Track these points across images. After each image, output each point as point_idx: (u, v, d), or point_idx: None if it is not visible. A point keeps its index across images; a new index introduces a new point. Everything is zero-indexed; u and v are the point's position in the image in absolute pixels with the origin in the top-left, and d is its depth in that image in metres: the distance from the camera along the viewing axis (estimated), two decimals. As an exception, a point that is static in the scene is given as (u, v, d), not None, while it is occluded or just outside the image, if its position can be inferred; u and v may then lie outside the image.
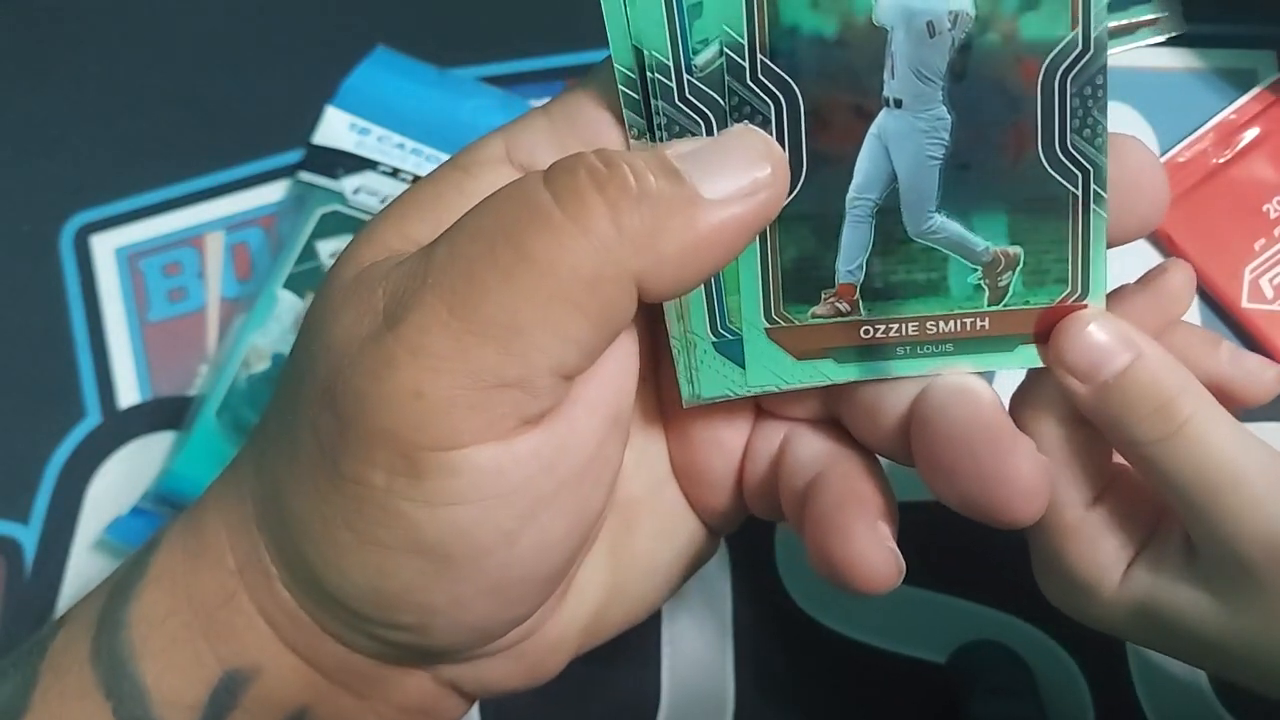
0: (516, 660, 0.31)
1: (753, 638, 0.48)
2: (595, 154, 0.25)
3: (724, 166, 0.26)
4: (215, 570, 0.29)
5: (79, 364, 0.54)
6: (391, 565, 0.26)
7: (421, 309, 0.25)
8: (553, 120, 0.29)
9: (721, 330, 0.30)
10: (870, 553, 0.28)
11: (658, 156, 0.26)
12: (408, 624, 0.27)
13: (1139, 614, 0.32)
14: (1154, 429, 0.29)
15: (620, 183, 0.25)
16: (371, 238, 0.28)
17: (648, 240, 0.25)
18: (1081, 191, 0.28)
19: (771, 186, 0.26)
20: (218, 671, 0.28)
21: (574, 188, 0.25)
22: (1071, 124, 0.28)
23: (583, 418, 0.27)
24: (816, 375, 0.30)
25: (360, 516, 0.26)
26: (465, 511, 0.25)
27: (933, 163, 0.28)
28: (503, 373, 0.25)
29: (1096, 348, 0.29)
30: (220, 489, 0.30)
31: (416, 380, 0.25)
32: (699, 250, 0.25)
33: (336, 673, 0.29)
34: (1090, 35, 0.27)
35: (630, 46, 0.27)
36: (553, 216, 0.24)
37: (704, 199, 0.25)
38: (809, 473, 0.31)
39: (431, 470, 0.25)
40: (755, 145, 0.27)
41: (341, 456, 0.26)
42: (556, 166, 0.25)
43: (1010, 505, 0.28)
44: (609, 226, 0.24)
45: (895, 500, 0.30)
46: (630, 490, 0.32)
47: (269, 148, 0.56)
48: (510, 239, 0.25)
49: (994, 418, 0.28)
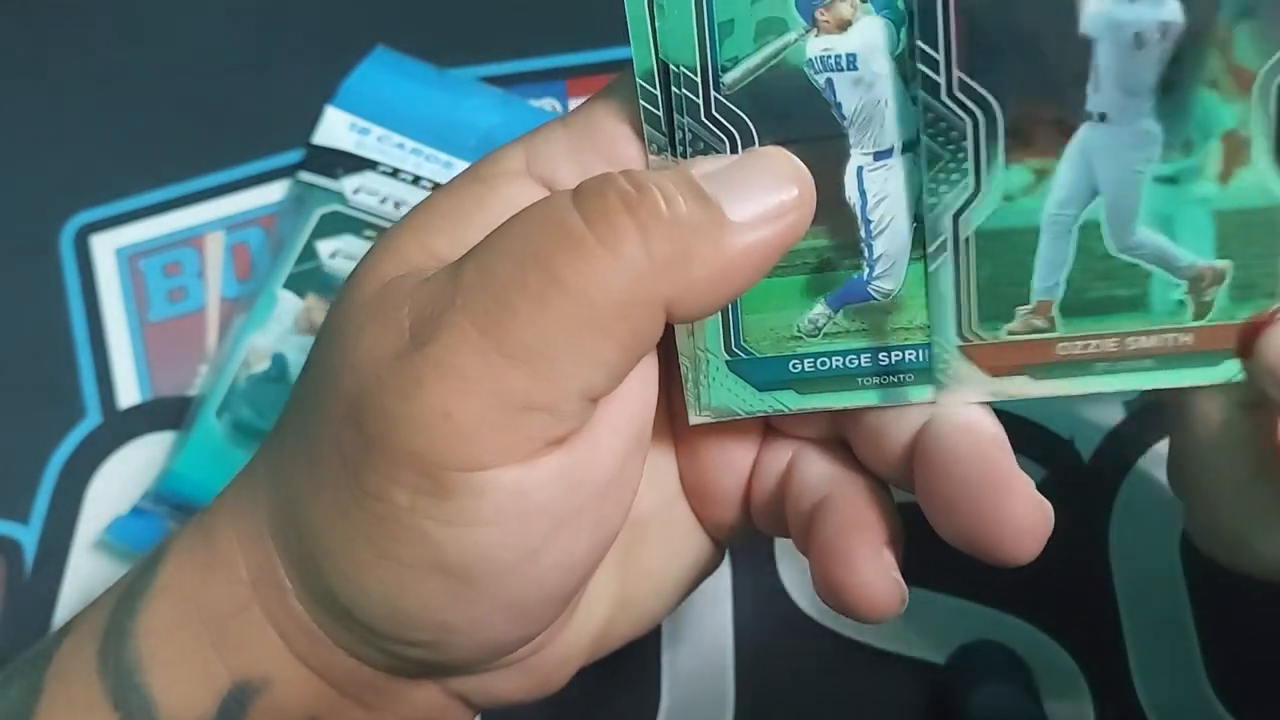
0: (525, 673, 0.30)
1: (753, 638, 0.48)
2: (624, 176, 0.25)
3: (750, 188, 0.26)
4: (227, 581, 0.28)
5: (79, 364, 0.54)
6: (411, 584, 0.26)
7: (451, 330, 0.25)
8: (572, 133, 0.29)
9: (735, 349, 0.30)
10: (874, 582, 0.28)
11: (685, 178, 0.26)
12: (424, 641, 0.27)
13: None
14: None
15: (651, 207, 0.25)
16: (391, 250, 0.28)
17: (679, 265, 0.25)
18: None
19: (799, 209, 0.26)
20: (227, 683, 0.28)
21: (604, 211, 0.25)
22: None
23: (606, 438, 0.27)
24: (1002, 394, 0.30)
25: (381, 534, 0.26)
26: (489, 532, 0.25)
27: (1139, 177, 0.28)
28: (532, 397, 0.25)
29: None
30: (232, 498, 0.30)
31: (445, 401, 0.24)
32: (727, 274, 0.25)
33: (346, 685, 0.29)
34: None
35: (653, 61, 0.27)
36: (584, 241, 0.24)
37: (731, 223, 0.25)
38: (816, 494, 0.31)
39: (457, 491, 0.25)
40: (782, 166, 0.26)
41: (365, 473, 0.25)
42: (586, 188, 0.25)
43: (1005, 544, 0.27)
44: (640, 251, 0.24)
45: (900, 525, 0.31)
46: (640, 506, 0.32)
47: (269, 148, 0.56)
48: (541, 263, 0.24)
49: (994, 455, 0.28)
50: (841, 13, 0.27)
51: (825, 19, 0.27)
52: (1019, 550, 0.27)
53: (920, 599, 0.48)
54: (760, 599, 0.49)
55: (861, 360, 0.29)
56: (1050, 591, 0.48)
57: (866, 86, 0.27)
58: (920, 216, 0.28)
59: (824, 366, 0.29)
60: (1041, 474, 0.50)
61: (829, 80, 0.27)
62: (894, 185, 0.28)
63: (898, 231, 0.28)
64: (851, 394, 0.30)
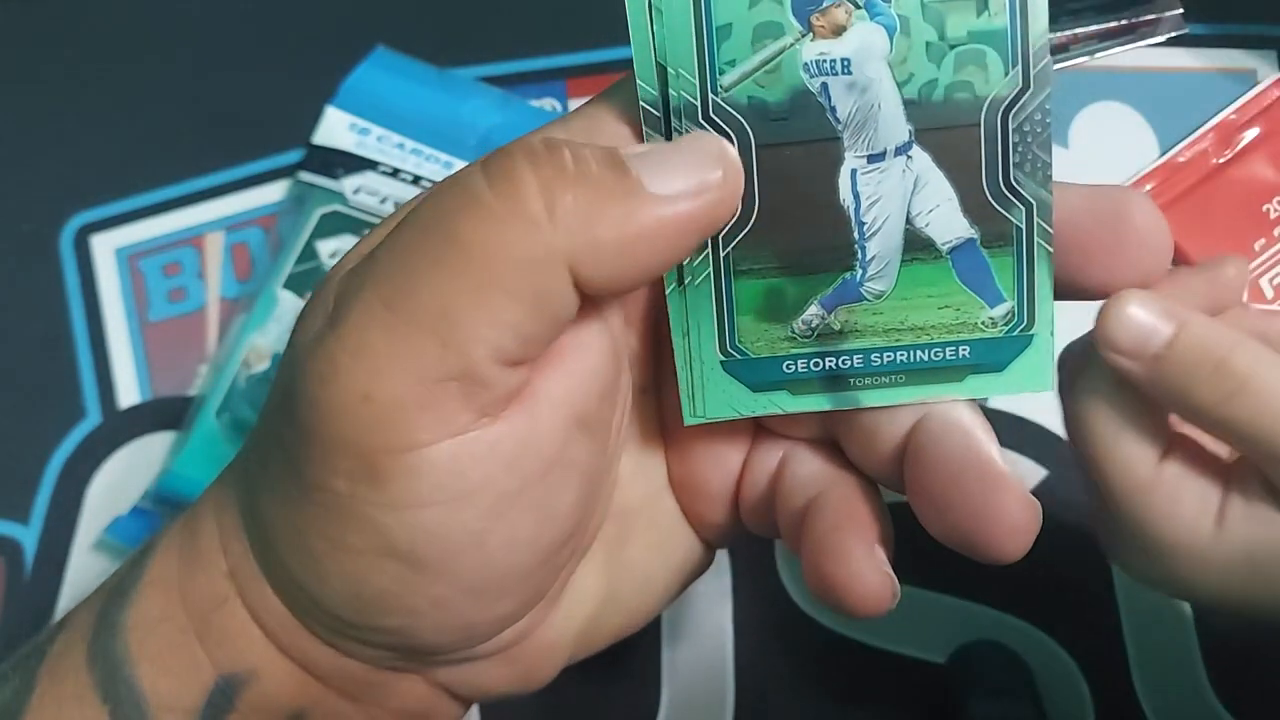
0: (509, 664, 0.30)
1: (753, 638, 0.48)
2: (539, 138, 0.25)
3: (675, 166, 0.26)
4: (209, 574, 0.29)
5: (79, 364, 0.54)
6: (366, 570, 0.26)
7: (360, 306, 0.24)
8: (571, 134, 0.28)
9: (730, 350, 0.30)
10: (866, 576, 0.29)
11: (606, 149, 0.25)
12: (390, 626, 0.27)
13: (1247, 564, 0.31)
14: (1216, 389, 0.29)
15: (556, 163, 0.24)
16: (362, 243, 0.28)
17: (581, 224, 0.24)
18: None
19: (721, 189, 0.26)
20: (213, 676, 0.28)
21: (508, 169, 0.24)
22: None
23: (544, 414, 0.27)
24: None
25: (330, 524, 0.26)
26: (430, 513, 0.25)
27: None
28: (444, 366, 0.24)
29: (1140, 323, 0.29)
30: (215, 492, 0.30)
31: (362, 383, 0.24)
32: (638, 243, 0.25)
33: (330, 676, 0.29)
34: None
35: (654, 64, 0.27)
36: (483, 198, 0.24)
37: (647, 192, 0.25)
38: (807, 493, 0.31)
39: (391, 474, 0.25)
40: (709, 148, 0.26)
41: (304, 464, 0.25)
42: (497, 151, 0.25)
43: (996, 541, 0.28)
44: (540, 207, 0.24)
45: (891, 523, 0.31)
46: (627, 500, 0.32)
47: (269, 148, 0.56)
48: (441, 224, 0.24)
49: (985, 453, 0.28)
50: (837, 18, 0.27)
51: (821, 24, 0.27)
52: (1009, 548, 0.28)
53: (920, 599, 0.48)
54: (760, 599, 0.49)
55: (854, 361, 0.29)
56: (1050, 591, 0.47)
57: (860, 90, 0.28)
58: (911, 219, 0.29)
59: (817, 368, 0.30)
60: (1041, 474, 0.50)
61: (824, 84, 0.28)
62: (886, 187, 0.28)
63: (890, 233, 0.29)
64: (844, 395, 0.30)
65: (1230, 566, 0.31)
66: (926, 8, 0.27)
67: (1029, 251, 0.29)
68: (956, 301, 0.29)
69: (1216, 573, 0.31)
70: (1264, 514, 0.31)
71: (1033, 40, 0.27)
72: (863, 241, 0.29)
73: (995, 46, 0.27)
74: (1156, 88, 0.53)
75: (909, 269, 0.29)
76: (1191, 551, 0.31)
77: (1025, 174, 0.28)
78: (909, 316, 0.29)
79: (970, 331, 0.29)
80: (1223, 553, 0.31)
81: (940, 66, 0.28)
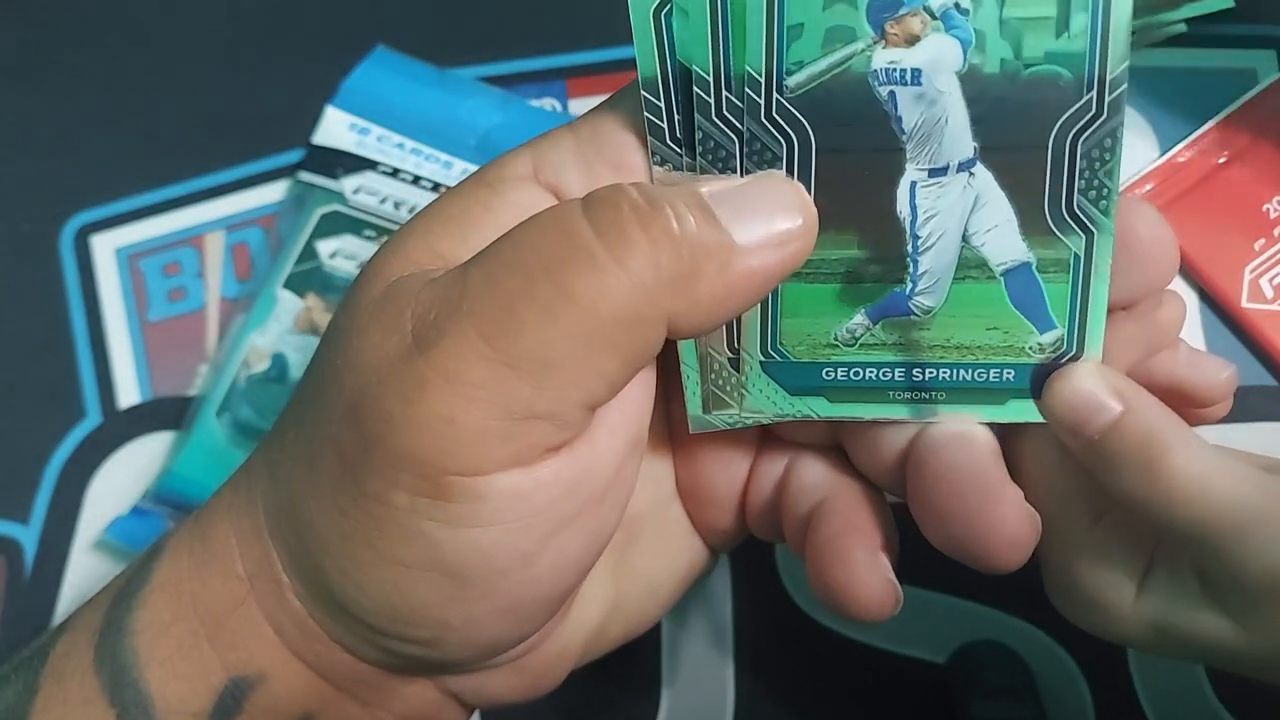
0: (519, 673, 0.31)
1: (753, 638, 0.48)
2: (636, 189, 0.25)
3: (757, 213, 0.26)
4: (224, 576, 0.29)
5: (79, 364, 0.54)
6: (409, 583, 0.26)
7: (457, 337, 0.25)
8: (579, 140, 0.29)
9: (770, 351, 0.30)
10: (869, 582, 0.29)
11: (694, 196, 0.26)
12: (421, 639, 0.27)
13: (1155, 632, 0.31)
14: (1142, 482, 0.29)
15: (663, 224, 0.25)
16: (398, 251, 0.28)
17: (685, 283, 0.25)
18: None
19: (802, 238, 0.27)
20: (223, 678, 0.28)
21: (617, 224, 0.25)
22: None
23: (604, 441, 0.27)
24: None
25: (380, 534, 0.26)
26: (487, 534, 0.26)
27: None
28: (535, 406, 0.25)
29: (1083, 404, 0.29)
30: (230, 496, 0.30)
31: (449, 407, 0.25)
32: (730, 295, 0.26)
33: (342, 680, 0.29)
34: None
35: (657, 71, 0.27)
36: (595, 253, 0.25)
37: (738, 246, 0.25)
38: (812, 499, 0.31)
39: (456, 494, 0.25)
40: (787, 194, 0.27)
41: (365, 474, 0.26)
42: (597, 199, 0.25)
43: (994, 551, 0.28)
44: (649, 267, 0.25)
45: (895, 529, 0.31)
46: (635, 508, 0.32)
47: (269, 148, 0.56)
48: (551, 273, 0.24)
49: (986, 465, 0.29)
50: (911, 27, 0.27)
51: (894, 31, 0.27)
52: (1007, 559, 0.28)
53: (920, 599, 0.47)
54: (760, 599, 0.49)
55: (895, 374, 0.29)
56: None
57: (928, 103, 0.27)
58: (967, 237, 0.28)
59: (857, 377, 0.30)
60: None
61: (892, 93, 0.27)
62: (945, 203, 0.28)
63: (944, 249, 0.28)
64: (881, 406, 0.30)
65: (1145, 634, 0.31)
66: (1005, 24, 0.27)
67: (1085, 280, 0.28)
68: (1006, 324, 0.29)
69: (1136, 635, 0.32)
70: (1182, 588, 0.30)
71: (1111, 66, 0.27)
72: (915, 255, 0.29)
73: (1072, 69, 0.27)
74: (1156, 88, 0.53)
75: (960, 287, 0.29)
76: (1109, 611, 0.32)
77: (1089, 200, 0.28)
78: (955, 334, 0.29)
79: (1016, 355, 0.29)
80: (1138, 622, 0.31)
81: (1013, 84, 0.27)
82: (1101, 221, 0.28)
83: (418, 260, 0.27)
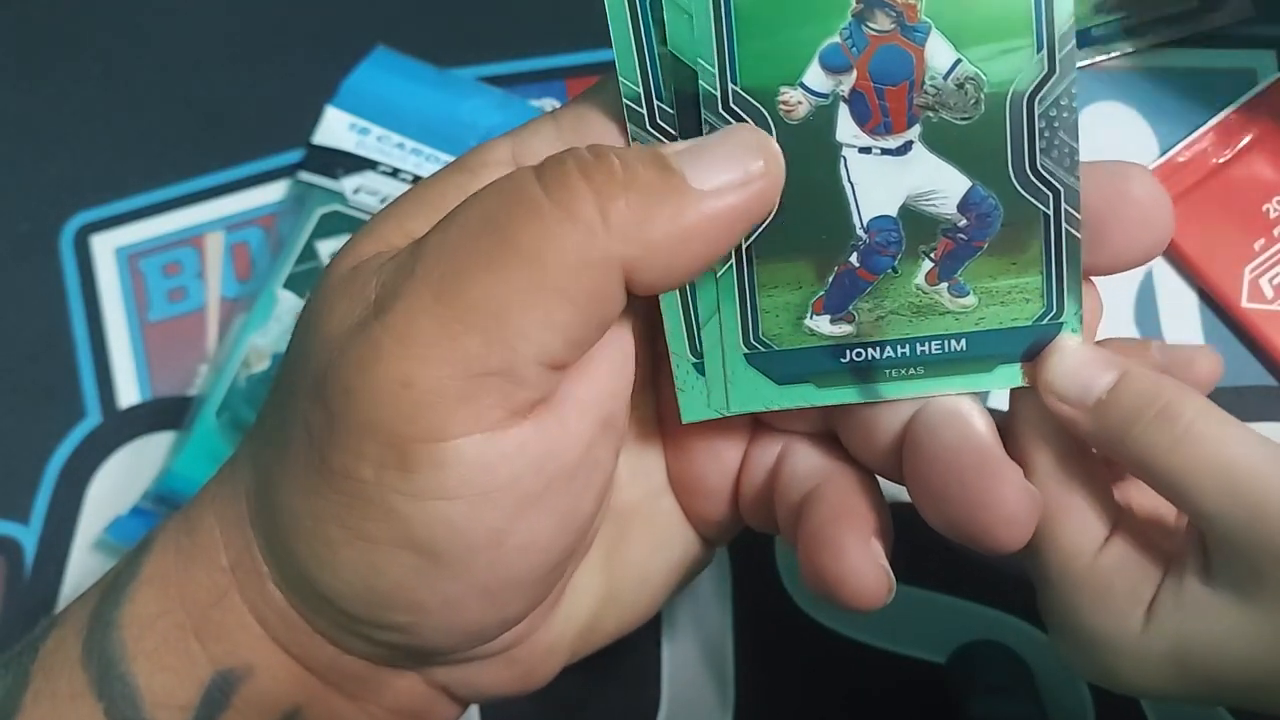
0: (509, 665, 0.31)
1: (753, 638, 0.48)
2: (588, 148, 0.26)
3: (716, 159, 0.26)
4: (208, 569, 0.29)
5: (79, 364, 0.54)
6: (382, 562, 0.26)
7: (409, 297, 0.25)
8: (560, 127, 0.29)
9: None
10: (861, 569, 0.29)
11: (649, 151, 0.26)
12: (398, 623, 0.27)
13: (1173, 659, 0.30)
14: (1161, 433, 0.28)
15: (607, 170, 0.25)
16: (371, 234, 0.28)
17: (635, 228, 0.25)
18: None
19: (765, 178, 0.27)
20: (210, 671, 0.28)
21: (562, 177, 0.25)
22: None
23: (573, 417, 0.27)
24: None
25: (350, 511, 0.26)
26: (454, 506, 0.26)
27: None
28: (488, 360, 0.25)
29: (1084, 369, 0.29)
30: (215, 488, 0.30)
31: (404, 369, 0.25)
32: (688, 240, 0.26)
33: (328, 673, 0.29)
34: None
35: (635, 64, 0.28)
36: (539, 204, 0.25)
37: (694, 189, 0.25)
38: (805, 487, 0.31)
39: (420, 462, 0.25)
40: (748, 139, 0.27)
41: (331, 450, 0.26)
42: (549, 160, 0.26)
43: (994, 531, 0.28)
44: (595, 213, 0.25)
45: (889, 517, 0.31)
46: (626, 499, 0.32)
47: (269, 148, 0.56)
48: (497, 227, 0.25)
49: (983, 443, 0.28)
50: None
51: None
52: (1008, 537, 0.27)
53: (920, 599, 0.47)
54: (760, 599, 0.49)
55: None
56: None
57: None
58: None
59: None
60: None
61: None
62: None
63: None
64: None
65: (1161, 665, 0.30)
66: None
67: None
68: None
69: (1152, 669, 0.30)
70: (1196, 600, 0.29)
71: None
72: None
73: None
74: (1156, 88, 0.53)
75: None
76: (1122, 648, 0.30)
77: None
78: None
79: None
80: (1153, 652, 0.30)
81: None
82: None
83: (390, 241, 0.28)
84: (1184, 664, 0.30)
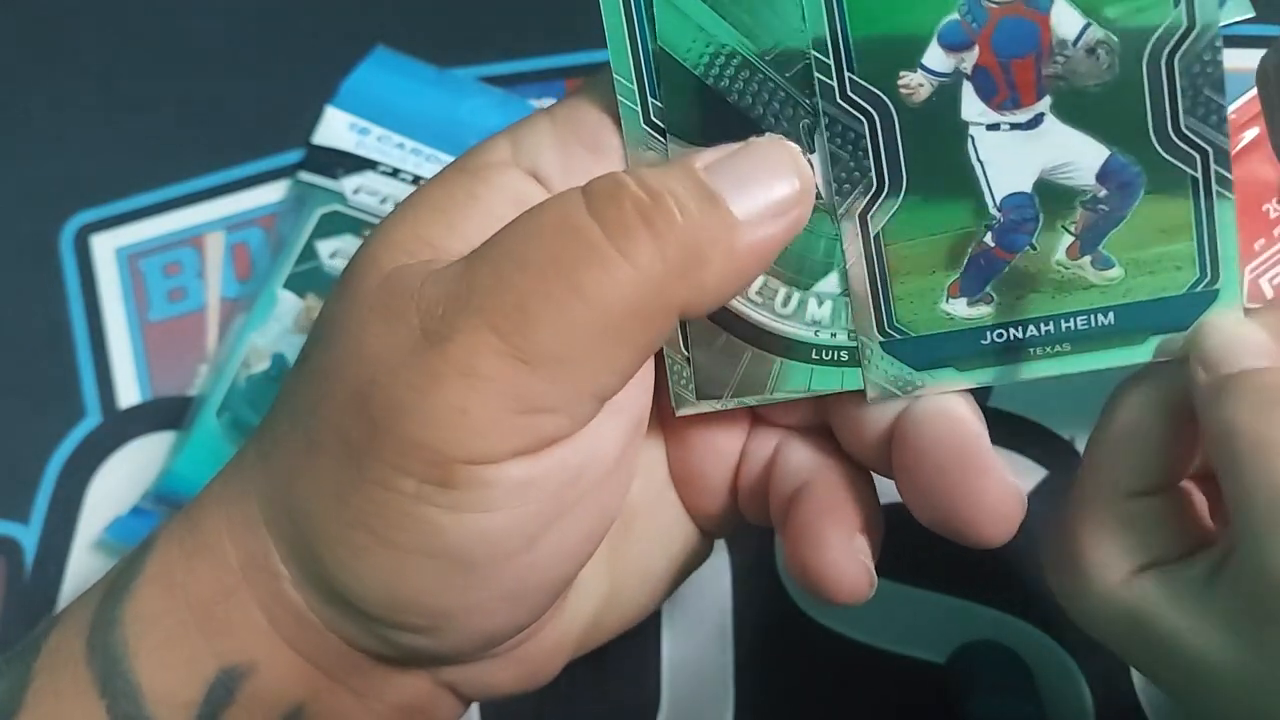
0: (515, 664, 0.31)
1: (753, 638, 0.48)
2: (635, 180, 0.26)
3: (753, 182, 0.26)
4: (214, 567, 0.29)
5: (79, 364, 0.54)
6: (408, 568, 0.26)
7: (470, 333, 0.25)
8: (556, 123, 0.29)
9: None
10: (842, 564, 0.29)
11: (690, 176, 0.26)
12: (419, 627, 0.27)
13: (1129, 620, 0.30)
14: (1253, 414, 0.27)
15: (666, 216, 0.25)
16: (386, 241, 0.28)
17: (694, 271, 0.25)
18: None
19: (800, 204, 0.27)
20: (214, 668, 0.28)
21: (621, 220, 0.25)
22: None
23: (608, 428, 0.27)
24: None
25: (382, 520, 0.26)
26: (492, 519, 0.26)
27: None
28: (549, 400, 0.25)
29: (1237, 342, 0.29)
30: (220, 488, 0.30)
31: (463, 398, 0.25)
32: (737, 274, 0.26)
33: (335, 670, 0.29)
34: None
35: (629, 57, 0.28)
36: (604, 251, 0.25)
37: (739, 222, 0.26)
38: (797, 480, 0.31)
39: (464, 481, 0.25)
40: (781, 158, 0.27)
41: (370, 461, 0.26)
42: (598, 192, 0.26)
43: (979, 526, 0.28)
44: (657, 261, 0.25)
45: (879, 513, 0.31)
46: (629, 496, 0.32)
47: (269, 148, 0.56)
48: (561, 271, 0.25)
49: (969, 438, 0.28)
50: None
51: None
52: (993, 532, 0.28)
53: (920, 599, 0.47)
54: (760, 599, 0.49)
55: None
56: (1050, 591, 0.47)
57: None
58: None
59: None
60: (1041, 474, 0.50)
61: None
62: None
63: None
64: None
65: (1117, 618, 0.30)
66: None
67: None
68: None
69: (1106, 618, 0.31)
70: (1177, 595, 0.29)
71: None
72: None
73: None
74: (1156, 88, 0.53)
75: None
76: (1090, 587, 0.31)
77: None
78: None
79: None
80: (1114, 604, 0.30)
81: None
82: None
83: (409, 250, 0.28)
84: (1137, 629, 0.30)
